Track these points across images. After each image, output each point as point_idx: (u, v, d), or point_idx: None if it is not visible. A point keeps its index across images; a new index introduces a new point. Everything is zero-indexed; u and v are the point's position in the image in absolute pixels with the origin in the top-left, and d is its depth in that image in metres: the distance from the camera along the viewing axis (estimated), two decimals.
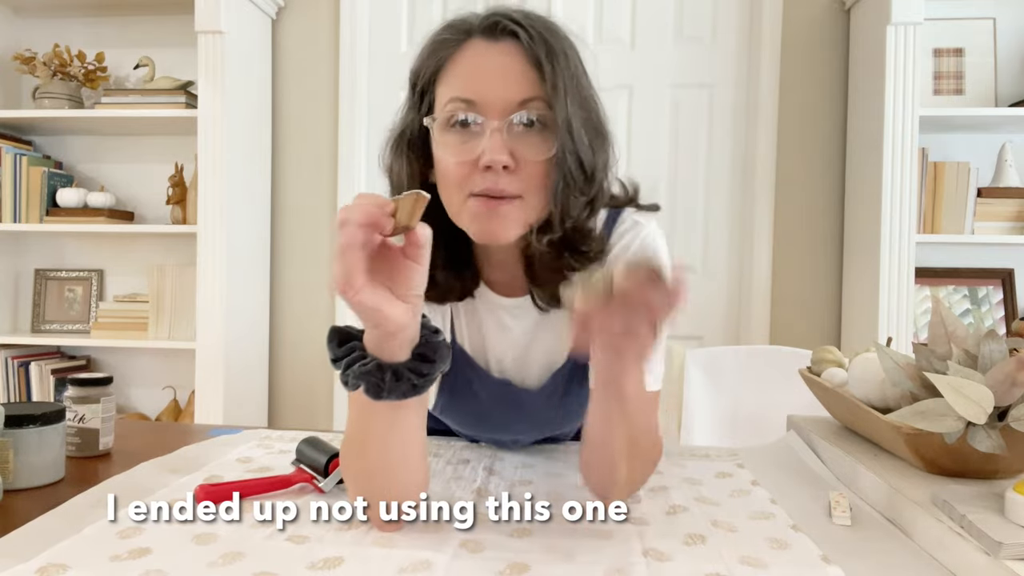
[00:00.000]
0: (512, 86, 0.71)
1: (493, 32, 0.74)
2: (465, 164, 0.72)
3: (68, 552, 0.62)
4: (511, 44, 0.73)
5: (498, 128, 0.70)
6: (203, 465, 0.89)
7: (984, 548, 0.58)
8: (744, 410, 1.56)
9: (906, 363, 0.80)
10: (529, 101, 0.71)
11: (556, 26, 0.76)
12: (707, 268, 2.35)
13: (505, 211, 0.72)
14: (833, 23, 2.25)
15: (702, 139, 2.33)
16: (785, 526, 0.71)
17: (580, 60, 0.77)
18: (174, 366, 2.40)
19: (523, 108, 0.71)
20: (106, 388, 0.94)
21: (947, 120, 2.07)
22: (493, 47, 0.73)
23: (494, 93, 0.71)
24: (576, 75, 0.75)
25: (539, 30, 0.73)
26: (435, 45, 0.76)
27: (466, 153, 0.72)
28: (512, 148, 0.71)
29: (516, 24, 0.73)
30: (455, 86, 0.73)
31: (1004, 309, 2.14)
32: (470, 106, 0.72)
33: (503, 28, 0.73)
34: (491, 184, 0.71)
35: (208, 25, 2.09)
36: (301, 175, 2.42)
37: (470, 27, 0.75)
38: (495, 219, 0.72)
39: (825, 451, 0.92)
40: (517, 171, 0.71)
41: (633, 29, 2.33)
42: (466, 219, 0.74)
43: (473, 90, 0.72)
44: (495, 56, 0.73)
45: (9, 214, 2.26)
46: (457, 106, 0.72)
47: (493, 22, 0.74)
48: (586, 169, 0.74)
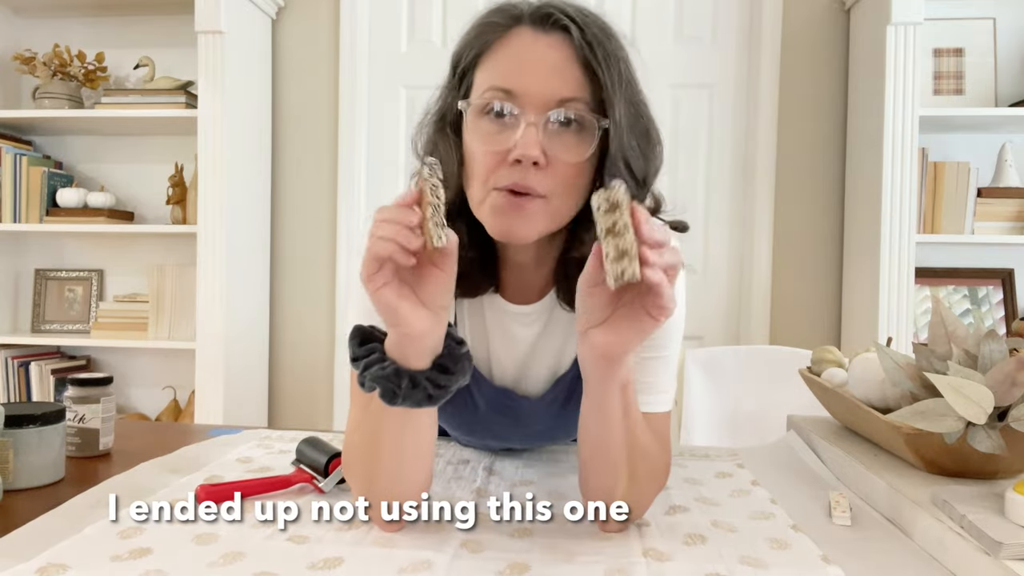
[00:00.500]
0: (555, 82, 0.69)
1: (544, 23, 0.71)
2: (495, 155, 0.69)
3: (69, 552, 0.62)
4: (561, 38, 0.70)
5: (534, 122, 0.67)
6: (203, 465, 0.89)
7: (984, 548, 0.58)
8: (744, 410, 1.56)
9: (906, 363, 0.80)
10: (570, 100, 0.68)
11: (610, 27, 0.74)
12: (707, 268, 2.35)
13: (529, 209, 0.69)
14: (833, 23, 2.25)
15: (702, 138, 2.33)
16: (785, 526, 0.71)
17: (631, 65, 0.74)
18: (174, 366, 2.40)
19: (563, 106, 0.68)
20: (106, 388, 0.94)
21: (947, 120, 2.07)
22: (542, 38, 0.70)
23: (536, 86, 0.68)
24: (629, 80, 0.72)
25: (593, 30, 0.70)
26: (481, 27, 0.74)
27: (497, 144, 0.69)
28: (546, 145, 0.68)
29: (570, 19, 0.70)
30: (496, 74, 0.71)
31: (1004, 309, 2.14)
32: (508, 96, 0.69)
33: (555, 21, 0.70)
34: (518, 179, 0.68)
35: (208, 25, 2.09)
36: (301, 175, 2.42)
37: (520, 13, 0.72)
38: (517, 216, 0.69)
39: (825, 451, 0.92)
40: (547, 170, 0.68)
41: (633, 29, 2.33)
42: (486, 212, 0.71)
43: (514, 80, 0.69)
44: (542, 48, 0.70)
45: (9, 214, 2.26)
46: (495, 95, 0.69)
47: (546, 13, 0.71)
48: (636, 175, 0.72)
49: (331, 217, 2.40)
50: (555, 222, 0.72)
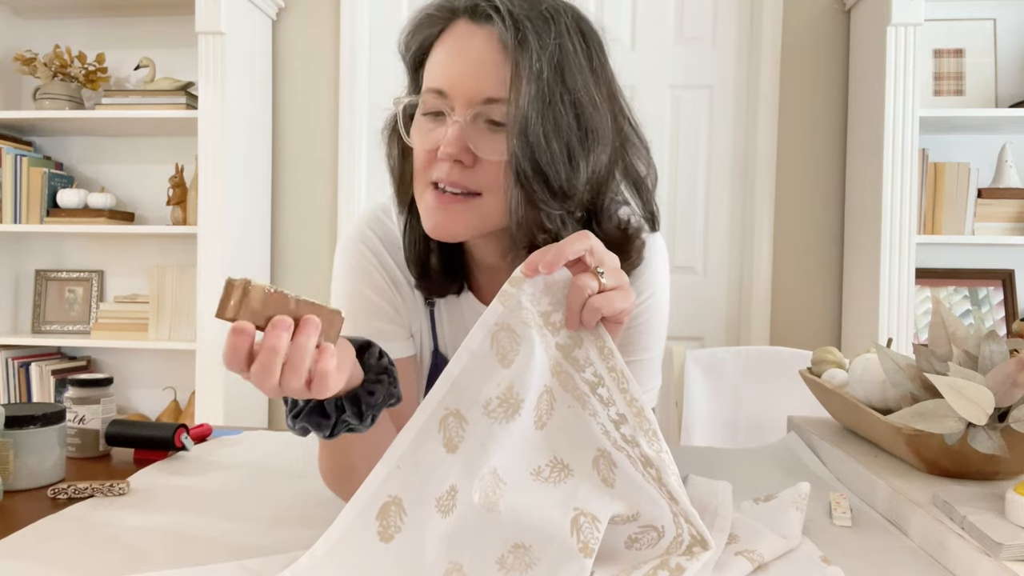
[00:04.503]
0: (482, 79, 0.66)
1: (475, 15, 0.68)
2: (428, 153, 0.69)
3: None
4: (492, 30, 0.67)
5: (458, 120, 0.66)
6: (204, 465, 0.89)
7: (984, 549, 0.58)
8: (744, 411, 1.56)
9: (906, 364, 0.80)
10: (495, 100, 0.66)
11: (558, 11, 0.68)
12: (707, 268, 2.35)
13: (456, 209, 0.69)
14: (833, 24, 2.25)
15: (702, 139, 2.33)
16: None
17: (585, 52, 0.69)
18: (174, 367, 2.40)
19: (489, 104, 0.66)
20: (106, 389, 0.94)
21: (947, 121, 2.07)
22: (476, 32, 0.67)
23: (462, 84, 0.67)
24: (564, 68, 0.66)
25: (517, 15, 0.66)
26: (420, 22, 0.72)
27: (429, 142, 0.69)
28: (472, 143, 0.66)
29: (493, 8, 0.66)
30: (433, 73, 0.70)
31: (1004, 310, 2.14)
32: (440, 96, 0.68)
33: (482, 12, 0.67)
34: (444, 175, 0.68)
35: (208, 26, 2.09)
36: (301, 176, 2.42)
37: (456, 5, 0.70)
38: (445, 214, 0.69)
39: (825, 452, 0.92)
40: (475, 168, 0.68)
41: (633, 29, 2.33)
42: (422, 210, 0.72)
43: (444, 80, 0.68)
44: (475, 43, 0.67)
45: (10, 215, 2.26)
46: (429, 96, 0.69)
47: (474, 3, 0.68)
48: (550, 179, 0.66)
49: (331, 217, 2.40)
50: (489, 220, 0.70)
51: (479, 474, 0.55)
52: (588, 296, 0.58)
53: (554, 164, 0.66)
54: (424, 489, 0.57)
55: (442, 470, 0.57)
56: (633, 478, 0.58)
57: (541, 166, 0.65)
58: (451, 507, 0.55)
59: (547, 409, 0.59)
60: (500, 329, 0.58)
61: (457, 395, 0.57)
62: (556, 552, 0.53)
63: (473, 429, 0.57)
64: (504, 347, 0.57)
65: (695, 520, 0.58)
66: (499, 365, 0.57)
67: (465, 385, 0.57)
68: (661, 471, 0.58)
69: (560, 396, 0.59)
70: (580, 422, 0.59)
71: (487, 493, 0.54)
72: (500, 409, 0.57)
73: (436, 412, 0.57)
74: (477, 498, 0.54)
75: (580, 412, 0.59)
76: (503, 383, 0.57)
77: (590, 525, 0.54)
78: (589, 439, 0.59)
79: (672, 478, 0.58)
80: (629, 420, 0.58)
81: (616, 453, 0.58)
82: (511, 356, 0.57)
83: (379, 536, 0.56)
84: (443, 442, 0.57)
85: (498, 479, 0.55)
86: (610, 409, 0.59)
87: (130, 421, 0.94)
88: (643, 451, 0.58)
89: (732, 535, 0.64)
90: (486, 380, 0.57)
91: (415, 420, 0.57)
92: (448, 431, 0.57)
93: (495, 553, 0.54)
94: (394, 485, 0.57)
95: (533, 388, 0.57)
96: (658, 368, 0.83)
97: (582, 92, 0.67)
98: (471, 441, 0.57)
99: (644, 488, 0.58)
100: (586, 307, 0.58)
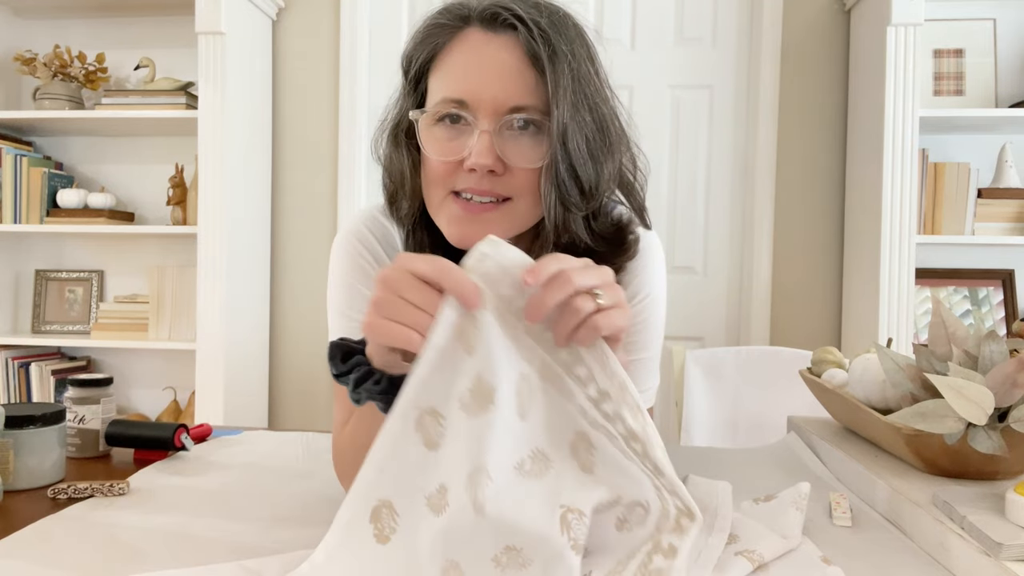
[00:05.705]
0: (508, 87, 0.67)
1: (492, 23, 0.68)
2: (450, 164, 0.68)
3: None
4: (510, 38, 0.67)
5: (488, 130, 0.66)
6: (204, 465, 0.89)
7: (984, 549, 0.58)
8: (744, 411, 1.56)
9: (906, 364, 0.80)
10: (523, 107, 0.67)
11: (566, 19, 0.70)
12: (707, 268, 2.35)
13: (488, 218, 0.68)
14: (833, 24, 2.25)
15: (702, 139, 2.33)
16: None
17: (590, 58, 0.71)
18: (174, 367, 2.40)
19: (516, 112, 0.67)
20: (106, 389, 0.94)
21: (947, 121, 2.07)
22: (492, 40, 0.68)
23: (488, 93, 0.67)
24: (582, 76, 0.68)
25: (543, 25, 0.67)
26: (430, 30, 0.72)
27: (452, 152, 0.68)
28: (502, 152, 0.67)
29: (516, 17, 0.67)
30: (448, 83, 0.69)
31: (1004, 310, 2.14)
32: (461, 106, 0.68)
33: (503, 20, 0.68)
34: (474, 184, 0.67)
35: (208, 26, 2.09)
36: (301, 175, 2.42)
37: (468, 14, 0.70)
38: (475, 225, 0.69)
39: (825, 452, 0.92)
40: (505, 175, 0.68)
41: (633, 30, 2.33)
42: (444, 220, 0.71)
43: (466, 89, 0.67)
44: (493, 51, 0.67)
45: (10, 215, 2.26)
46: (448, 106, 0.68)
47: (493, 12, 0.68)
48: (583, 183, 0.68)
49: (331, 217, 2.40)
50: (519, 223, 0.71)
51: (466, 471, 0.55)
52: (585, 317, 0.55)
53: (585, 168, 0.68)
54: (411, 490, 0.57)
55: (427, 469, 0.57)
56: (613, 457, 0.57)
57: (576, 171, 0.68)
58: (443, 506, 0.55)
59: (528, 397, 0.58)
60: (460, 316, 0.57)
61: (429, 393, 0.57)
62: (549, 552, 0.53)
63: (451, 425, 0.56)
64: (467, 333, 0.56)
65: (681, 491, 0.58)
66: (465, 354, 0.56)
67: (437, 382, 0.56)
68: (647, 444, 0.57)
69: (536, 382, 0.58)
70: (555, 405, 0.58)
71: (474, 494, 0.54)
72: (474, 402, 0.56)
73: (409, 413, 0.57)
74: (467, 498, 0.54)
75: (554, 395, 0.58)
76: (471, 372, 0.56)
77: (578, 521, 0.54)
78: (565, 421, 0.58)
79: (658, 451, 0.57)
80: (612, 396, 0.57)
81: (594, 432, 0.58)
82: (472, 341, 0.56)
83: (375, 538, 0.56)
84: (423, 441, 0.57)
85: (488, 476, 0.55)
86: (588, 387, 0.58)
87: (130, 421, 0.94)
88: (628, 425, 0.57)
89: (732, 535, 0.64)
90: (456, 373, 0.56)
91: (390, 424, 0.57)
92: (426, 430, 0.57)
93: (490, 552, 0.54)
94: (381, 489, 0.57)
95: (503, 375, 0.56)
96: (656, 367, 0.83)
97: (597, 96, 0.70)
98: (451, 437, 0.56)
99: (624, 467, 0.57)
100: (585, 326, 0.55)
